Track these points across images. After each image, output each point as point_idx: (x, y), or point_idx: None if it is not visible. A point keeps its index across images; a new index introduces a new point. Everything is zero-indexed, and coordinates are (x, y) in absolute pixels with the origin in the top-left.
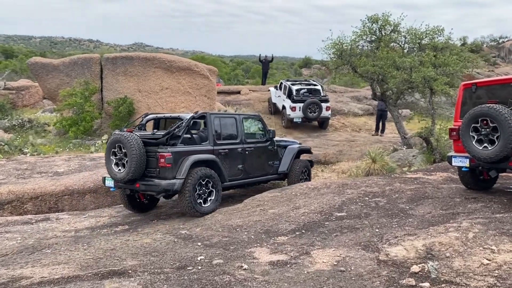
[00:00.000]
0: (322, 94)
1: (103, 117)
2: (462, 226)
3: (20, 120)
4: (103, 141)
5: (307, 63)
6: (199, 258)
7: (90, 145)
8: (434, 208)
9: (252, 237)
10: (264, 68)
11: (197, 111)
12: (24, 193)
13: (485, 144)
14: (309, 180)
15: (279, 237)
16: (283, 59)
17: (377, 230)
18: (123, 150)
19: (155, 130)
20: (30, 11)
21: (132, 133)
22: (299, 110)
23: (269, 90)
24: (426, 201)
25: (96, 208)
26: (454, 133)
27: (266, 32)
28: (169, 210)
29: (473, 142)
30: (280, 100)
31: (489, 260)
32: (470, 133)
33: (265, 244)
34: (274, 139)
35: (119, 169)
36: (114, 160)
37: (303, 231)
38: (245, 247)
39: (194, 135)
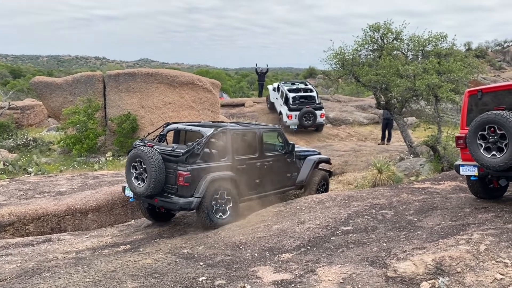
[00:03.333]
0: (317, 102)
1: (107, 134)
2: (473, 238)
3: (24, 140)
4: (107, 159)
5: (311, 73)
6: (200, 279)
7: (94, 162)
8: (443, 220)
9: (256, 255)
10: (260, 80)
11: (217, 127)
12: (26, 214)
13: (494, 152)
14: (327, 191)
15: (283, 255)
16: (288, 70)
17: (384, 244)
18: (143, 166)
19: (175, 146)
20: (37, 31)
21: (152, 149)
22: (295, 118)
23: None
24: (435, 212)
25: (99, 227)
26: (461, 141)
27: (270, 44)
28: (172, 228)
29: (481, 150)
30: (278, 103)
31: (503, 274)
32: (478, 141)
33: (269, 262)
34: (295, 149)
35: (139, 183)
36: (134, 174)
37: (308, 247)
38: (248, 266)
39: (212, 150)
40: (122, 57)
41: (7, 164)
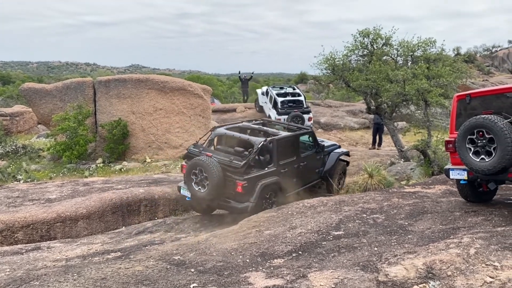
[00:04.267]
0: (305, 106)
1: (97, 141)
2: (463, 241)
3: (14, 147)
4: (98, 165)
5: (303, 78)
6: (192, 286)
7: (85, 169)
8: (433, 223)
9: (248, 260)
10: (244, 87)
11: (266, 138)
12: (15, 222)
13: (482, 156)
14: (344, 179)
15: (275, 260)
16: (279, 76)
17: (375, 248)
18: (204, 174)
19: (232, 158)
20: (27, 37)
21: (212, 159)
22: None
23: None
24: (425, 216)
25: (89, 234)
26: (450, 145)
27: (261, 50)
28: (163, 235)
29: (470, 154)
30: (266, 107)
31: (493, 277)
32: (467, 145)
33: (261, 268)
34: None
35: (199, 189)
36: (194, 180)
37: (300, 252)
38: (240, 272)
39: (261, 157)
40: (113, 63)
41: None
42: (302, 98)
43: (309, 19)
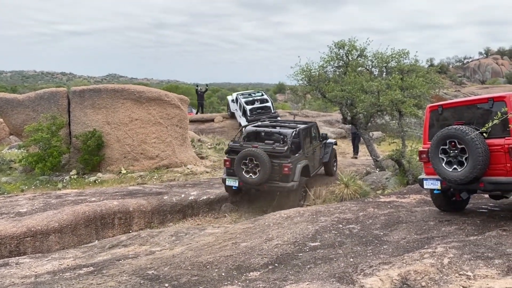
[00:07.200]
0: (272, 111)
1: (71, 152)
2: (437, 251)
3: None
4: (72, 177)
5: (281, 88)
6: None
7: (58, 181)
8: (408, 233)
9: (223, 274)
10: (199, 99)
11: (295, 129)
12: None
13: (455, 166)
14: (336, 164)
15: (251, 273)
16: (258, 85)
17: (351, 259)
18: (255, 162)
19: (274, 145)
20: (0, 46)
21: (259, 149)
22: None
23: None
24: (400, 226)
25: (61, 248)
26: (424, 155)
27: (239, 60)
28: (137, 248)
29: (443, 164)
30: (237, 114)
31: (466, 287)
32: (439, 155)
33: (236, 281)
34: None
35: (250, 175)
36: (245, 169)
37: (276, 264)
38: (215, 286)
39: (292, 145)
40: (90, 72)
41: None
42: (269, 104)
43: (285, 30)
